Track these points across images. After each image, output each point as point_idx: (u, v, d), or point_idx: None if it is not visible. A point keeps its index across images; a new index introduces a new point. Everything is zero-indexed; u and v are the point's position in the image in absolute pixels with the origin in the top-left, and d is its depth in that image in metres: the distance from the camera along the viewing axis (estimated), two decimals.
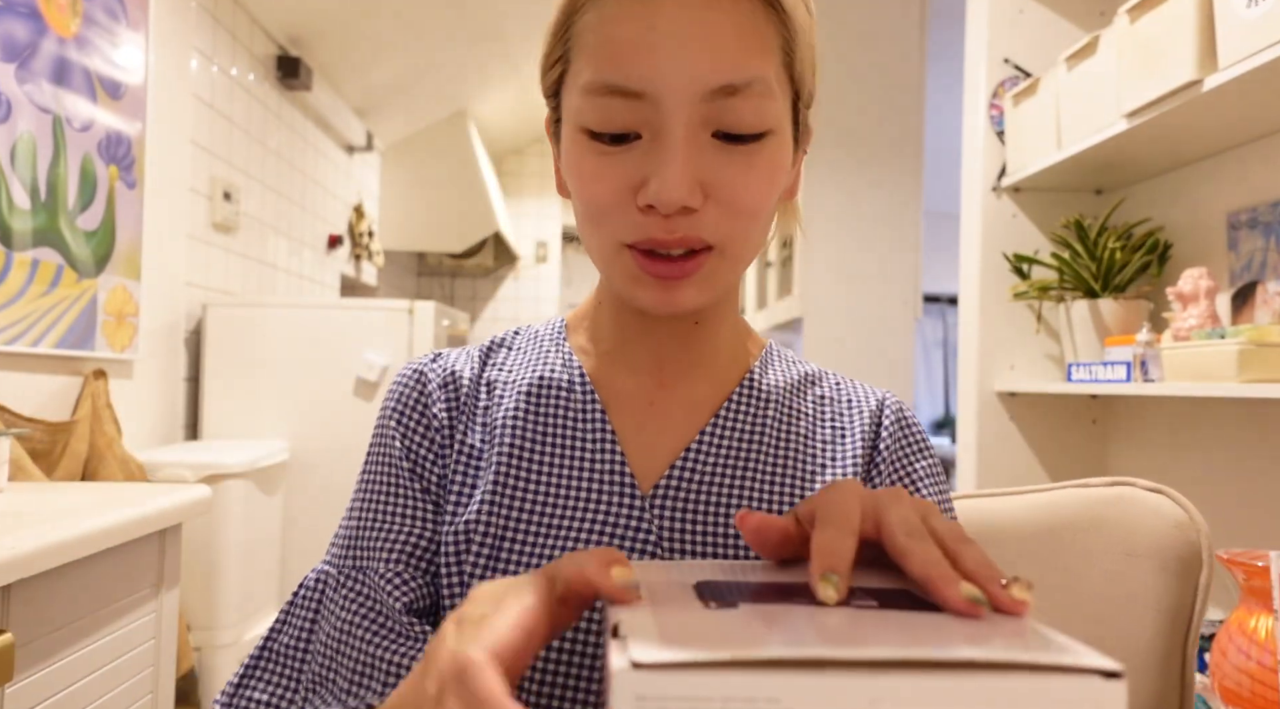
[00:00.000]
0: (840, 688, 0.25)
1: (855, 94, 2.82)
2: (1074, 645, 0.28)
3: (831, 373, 0.67)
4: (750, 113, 0.50)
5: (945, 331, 6.95)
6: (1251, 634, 1.02)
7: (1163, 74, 1.33)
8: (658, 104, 0.49)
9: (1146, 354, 1.47)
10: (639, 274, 0.53)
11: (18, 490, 1.45)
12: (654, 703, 0.26)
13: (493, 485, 0.58)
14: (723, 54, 0.48)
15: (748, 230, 0.53)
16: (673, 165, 0.49)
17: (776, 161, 0.52)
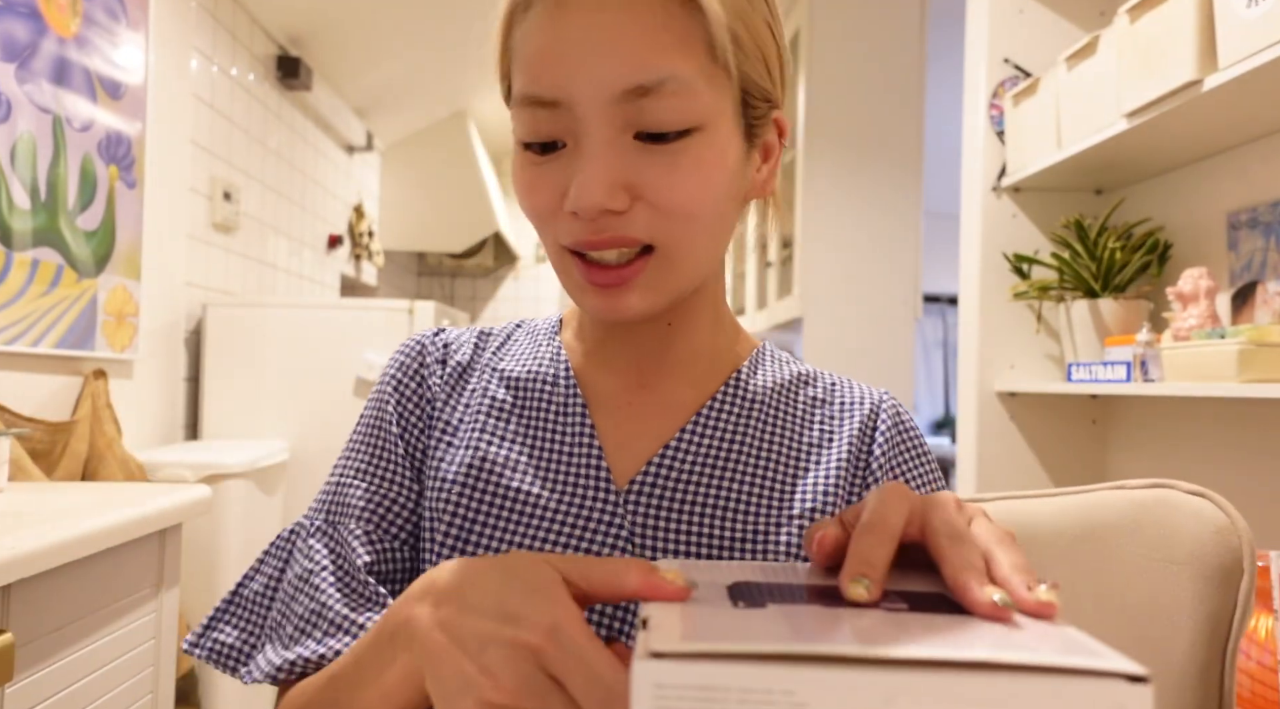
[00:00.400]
0: (856, 683, 0.26)
1: (855, 94, 2.82)
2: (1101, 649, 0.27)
3: (827, 373, 0.67)
4: (667, 111, 0.50)
5: (945, 331, 6.95)
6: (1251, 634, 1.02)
7: (1163, 74, 1.33)
8: (573, 111, 0.50)
9: (1146, 354, 1.47)
10: (581, 281, 0.54)
11: (18, 490, 1.45)
12: (672, 691, 0.26)
13: (468, 468, 0.59)
14: (630, 56, 0.49)
15: (687, 231, 0.52)
16: (589, 170, 0.50)
17: (708, 159, 0.52)
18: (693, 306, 0.61)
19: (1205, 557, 0.67)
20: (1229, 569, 0.66)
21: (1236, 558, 0.66)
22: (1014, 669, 0.25)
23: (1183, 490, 0.71)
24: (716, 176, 0.52)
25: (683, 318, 0.61)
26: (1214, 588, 0.67)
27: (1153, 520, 0.71)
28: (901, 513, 0.38)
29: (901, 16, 2.81)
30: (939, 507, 0.38)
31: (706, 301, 0.62)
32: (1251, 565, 0.66)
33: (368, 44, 3.25)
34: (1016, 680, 0.25)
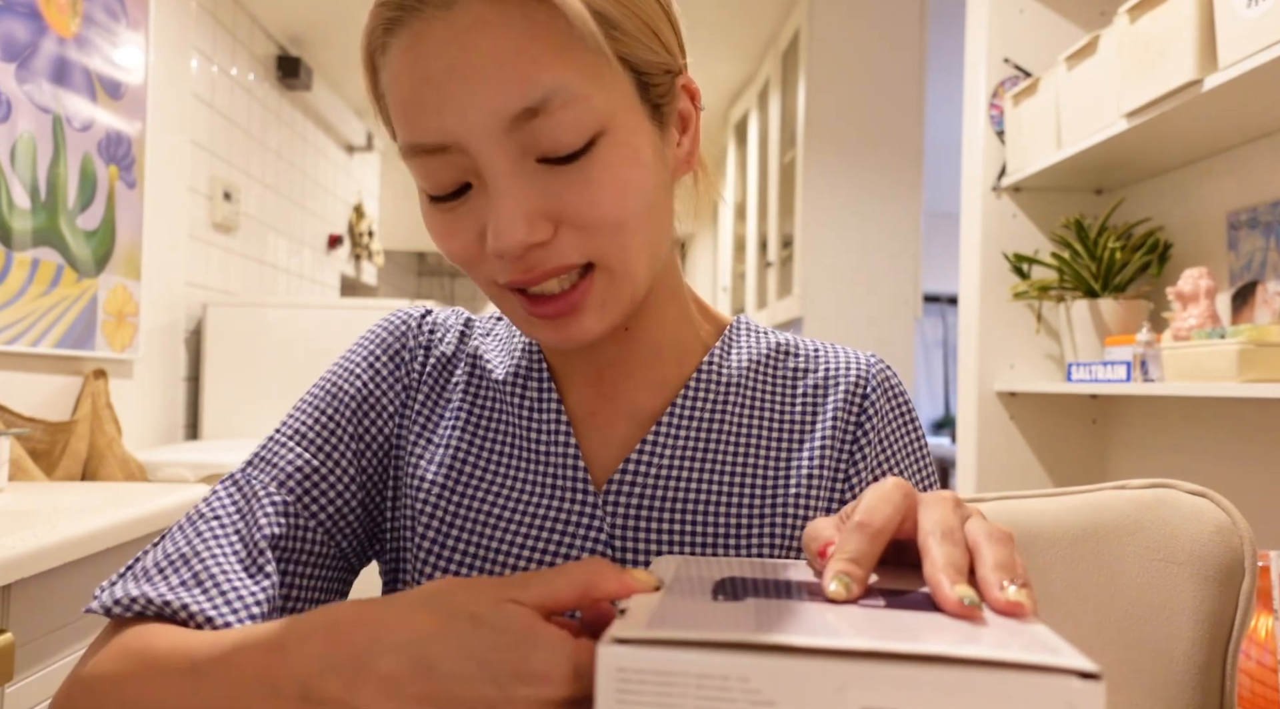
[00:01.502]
0: (809, 672, 0.26)
1: (855, 94, 2.82)
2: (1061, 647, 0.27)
3: (810, 340, 0.64)
4: (562, 128, 0.46)
5: (945, 331, 6.95)
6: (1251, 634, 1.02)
7: (1163, 74, 1.33)
8: (465, 150, 0.46)
9: (1146, 354, 1.47)
10: (528, 316, 0.51)
11: (18, 490, 1.45)
12: (634, 676, 0.27)
13: (447, 467, 0.58)
14: (505, 79, 0.45)
15: (621, 241, 0.49)
16: (501, 209, 0.46)
17: (622, 160, 0.48)
18: (650, 305, 0.58)
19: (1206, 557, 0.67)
20: (1230, 569, 0.66)
21: (1237, 558, 0.66)
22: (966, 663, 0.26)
23: (1183, 490, 0.70)
24: (636, 177, 0.49)
25: (641, 317, 0.58)
26: (1215, 588, 0.66)
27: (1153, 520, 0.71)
28: (894, 511, 0.37)
29: (901, 16, 2.81)
30: (933, 506, 0.38)
31: (663, 293, 0.59)
32: (1253, 565, 0.66)
33: None
34: (968, 674, 0.26)
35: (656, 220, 0.52)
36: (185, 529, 0.53)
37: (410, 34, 0.46)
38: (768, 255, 3.34)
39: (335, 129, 3.59)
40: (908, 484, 0.39)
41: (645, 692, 0.27)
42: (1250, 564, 0.66)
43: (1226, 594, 0.66)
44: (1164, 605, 0.69)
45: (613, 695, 0.27)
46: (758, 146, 3.59)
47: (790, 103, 3.06)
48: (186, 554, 0.50)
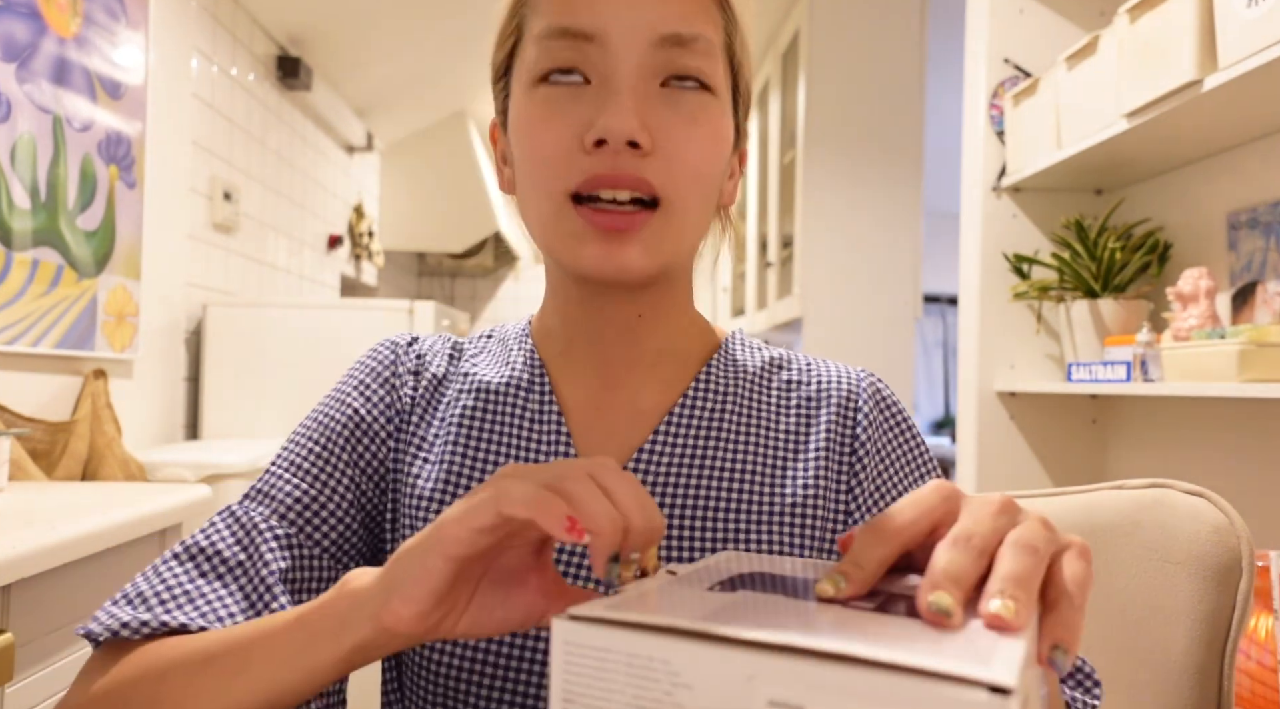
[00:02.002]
0: (721, 659, 0.28)
1: (855, 94, 2.82)
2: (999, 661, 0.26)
3: (801, 355, 0.65)
4: (696, 66, 0.52)
5: (945, 332, 6.95)
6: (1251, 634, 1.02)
7: (1163, 74, 1.33)
8: (607, 47, 0.51)
9: (1146, 354, 1.47)
10: (582, 229, 0.52)
11: (18, 490, 1.45)
12: (576, 649, 0.30)
13: (443, 482, 0.58)
14: (672, 5, 0.51)
15: (691, 190, 0.53)
16: (622, 101, 0.50)
17: (719, 126, 0.54)
18: (664, 300, 0.60)
19: (1203, 556, 0.67)
20: (1227, 569, 0.66)
21: (1235, 558, 0.66)
22: (875, 665, 0.26)
23: (1181, 490, 0.70)
24: (722, 147, 0.54)
25: (654, 309, 0.59)
26: (1212, 587, 0.67)
27: (1151, 520, 0.71)
28: (919, 514, 0.35)
29: (901, 16, 2.81)
30: (971, 511, 0.35)
31: (678, 296, 0.61)
32: (1250, 565, 0.66)
33: (368, 44, 3.25)
34: (874, 676, 0.26)
35: (708, 204, 0.56)
36: (185, 563, 0.53)
37: None
38: (768, 255, 3.34)
39: (335, 129, 3.59)
40: (951, 487, 0.37)
41: (586, 664, 0.30)
42: (1248, 564, 0.66)
43: (1224, 594, 0.66)
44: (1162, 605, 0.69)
45: (561, 665, 0.31)
46: (758, 146, 3.59)
47: (790, 103, 3.06)
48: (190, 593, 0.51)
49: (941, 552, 0.33)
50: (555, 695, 0.31)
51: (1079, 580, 0.33)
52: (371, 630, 0.39)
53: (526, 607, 0.41)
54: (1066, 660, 0.31)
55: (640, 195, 0.51)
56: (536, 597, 0.41)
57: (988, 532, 0.34)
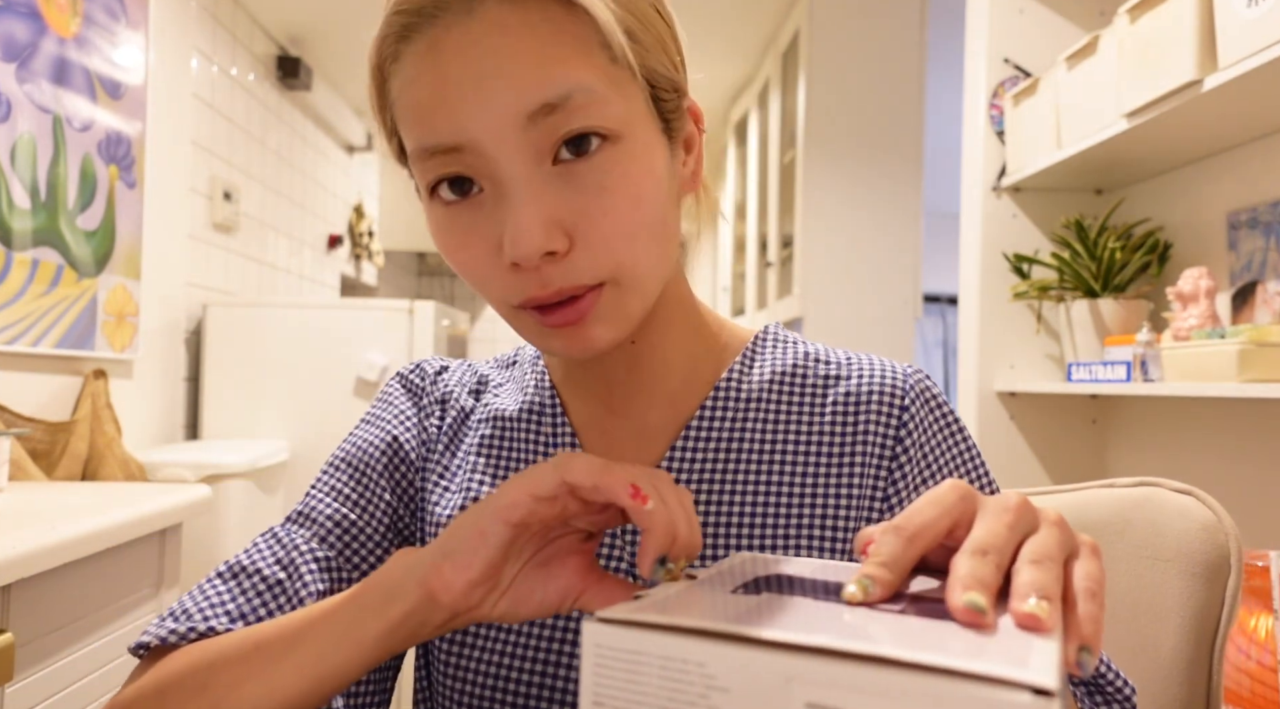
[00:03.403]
0: (758, 662, 0.27)
1: (855, 94, 2.82)
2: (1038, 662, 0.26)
3: (842, 350, 0.61)
4: (580, 127, 0.45)
5: (945, 331, 6.95)
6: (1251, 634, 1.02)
7: (1163, 74, 1.33)
8: (480, 152, 0.46)
9: (1146, 354, 1.47)
10: (541, 329, 0.50)
11: (18, 490, 1.45)
12: (609, 652, 0.30)
13: (461, 509, 0.58)
14: (526, 75, 0.44)
15: (632, 256, 0.48)
16: (519, 212, 0.45)
17: (637, 169, 0.48)
18: (658, 319, 0.56)
19: (1192, 554, 0.68)
20: (1216, 566, 0.67)
21: (1223, 555, 0.67)
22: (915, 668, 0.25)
23: (1170, 488, 0.71)
24: (649, 188, 0.48)
25: (650, 333, 0.56)
26: (1201, 585, 0.67)
27: (1141, 518, 0.71)
28: (939, 514, 0.35)
29: (901, 16, 2.81)
30: (987, 518, 0.34)
31: (672, 309, 0.57)
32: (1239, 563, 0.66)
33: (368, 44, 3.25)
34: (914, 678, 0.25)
35: (665, 235, 0.51)
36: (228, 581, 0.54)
37: (427, 40, 0.46)
38: (768, 255, 3.34)
39: (335, 129, 3.59)
40: (967, 487, 0.36)
41: (618, 667, 0.30)
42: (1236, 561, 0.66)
43: (1213, 591, 0.67)
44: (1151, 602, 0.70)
45: (591, 669, 0.30)
46: (758, 146, 3.59)
47: (790, 103, 3.06)
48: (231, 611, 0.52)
49: (963, 560, 0.32)
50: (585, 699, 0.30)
51: (1096, 579, 0.33)
52: (418, 597, 0.39)
53: (564, 589, 0.42)
54: (1091, 660, 0.31)
55: (576, 294, 0.48)
56: (575, 578, 0.42)
57: (1004, 543, 0.33)
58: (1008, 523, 0.34)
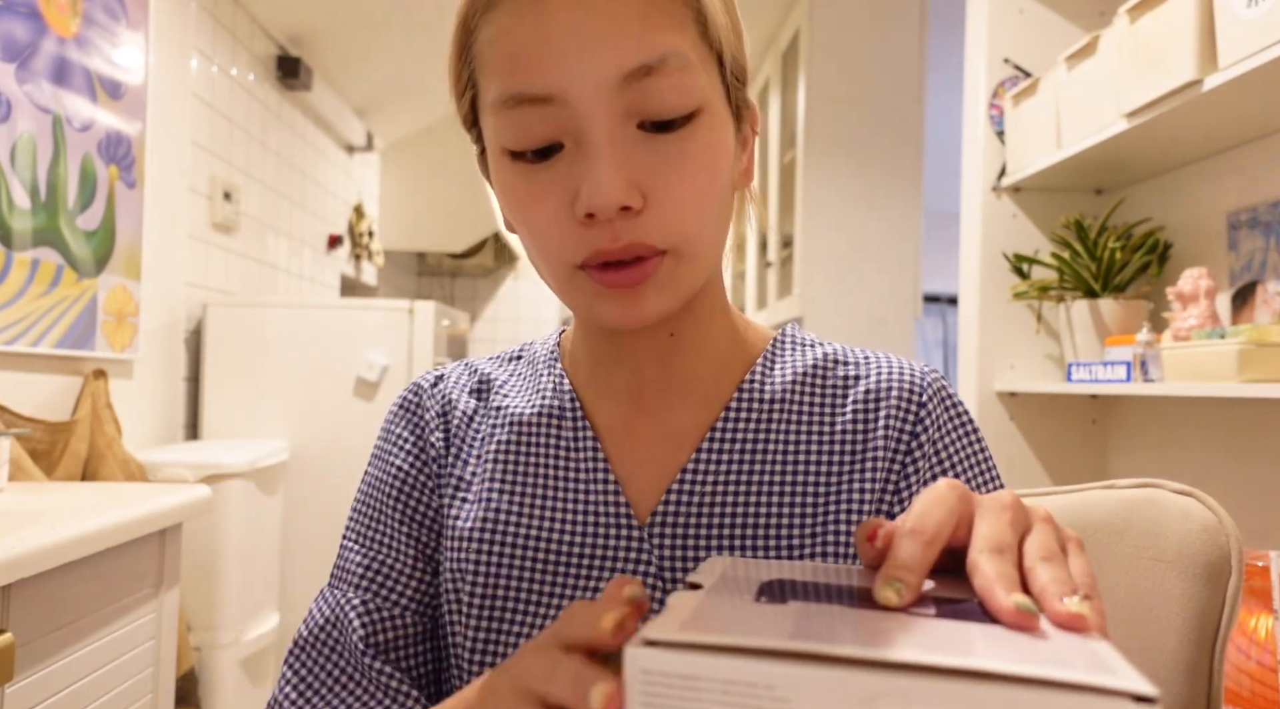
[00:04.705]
0: (838, 682, 0.25)
1: (855, 94, 2.82)
2: (1120, 666, 0.25)
3: (860, 349, 0.62)
4: (672, 91, 0.47)
5: (945, 331, 6.95)
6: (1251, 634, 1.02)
7: (1163, 74, 1.33)
8: (571, 105, 0.46)
9: (1146, 354, 1.47)
10: (597, 289, 0.50)
11: (18, 490, 1.45)
12: (659, 678, 0.26)
13: (483, 520, 0.57)
14: (627, 36, 0.46)
15: (698, 227, 0.49)
16: (601, 165, 0.46)
17: (714, 143, 0.49)
18: (697, 312, 0.57)
19: (1193, 555, 0.67)
20: (1217, 567, 0.67)
21: (1224, 556, 0.66)
22: (1007, 679, 0.24)
23: (1170, 490, 0.71)
24: (722, 164, 0.50)
25: (687, 326, 0.57)
26: (1201, 586, 0.67)
27: (1141, 519, 0.71)
28: (947, 514, 0.35)
29: (901, 17, 2.81)
30: (987, 517, 0.35)
31: (711, 304, 0.58)
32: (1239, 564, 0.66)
33: (368, 44, 3.25)
34: (1007, 691, 0.24)
35: (725, 216, 0.52)
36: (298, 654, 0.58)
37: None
38: (768, 255, 3.34)
39: (335, 129, 3.59)
40: (962, 486, 0.37)
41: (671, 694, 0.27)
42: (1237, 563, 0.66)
43: (1214, 592, 0.67)
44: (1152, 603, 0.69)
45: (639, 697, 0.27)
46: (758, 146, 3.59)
47: (790, 103, 3.06)
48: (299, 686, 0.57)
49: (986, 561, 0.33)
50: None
51: (1092, 575, 0.34)
52: None
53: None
54: None
55: (643, 254, 0.48)
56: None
57: (1011, 541, 0.34)
58: (1008, 521, 0.35)
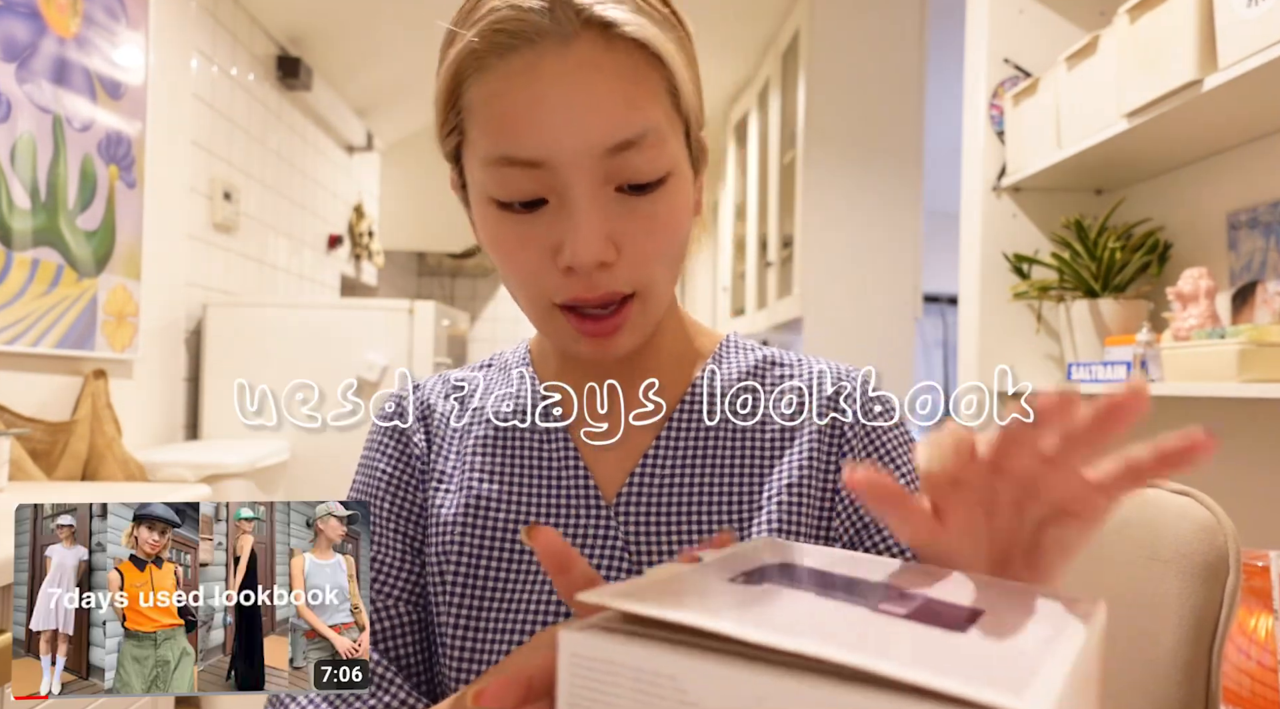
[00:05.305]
0: (731, 678, 0.26)
1: (855, 94, 2.82)
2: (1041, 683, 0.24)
3: (793, 353, 0.68)
4: (647, 163, 0.52)
5: (945, 331, 6.95)
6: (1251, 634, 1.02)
7: (1163, 74, 1.33)
8: (557, 171, 0.51)
9: (1146, 354, 1.47)
10: (574, 333, 0.56)
11: (18, 490, 1.45)
12: (583, 661, 0.28)
13: (465, 507, 0.61)
14: (612, 113, 0.50)
15: (663, 273, 0.56)
16: (584, 227, 0.51)
17: (679, 202, 0.55)
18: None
19: (1190, 554, 0.67)
20: (1214, 566, 0.67)
21: (1222, 555, 0.66)
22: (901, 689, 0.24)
23: (1167, 489, 0.71)
24: (684, 217, 0.56)
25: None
26: (1199, 585, 0.67)
27: (1139, 518, 0.71)
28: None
29: (901, 16, 2.81)
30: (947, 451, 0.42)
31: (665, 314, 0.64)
32: (1237, 563, 0.66)
33: (368, 44, 3.25)
34: (883, 700, 0.24)
35: (682, 256, 0.59)
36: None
37: (524, 60, 0.50)
38: (768, 255, 3.34)
39: (335, 129, 3.59)
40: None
41: (593, 678, 0.28)
42: (1234, 562, 0.66)
43: (1211, 591, 0.67)
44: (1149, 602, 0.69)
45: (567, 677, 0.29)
46: (758, 146, 3.59)
47: (790, 103, 3.06)
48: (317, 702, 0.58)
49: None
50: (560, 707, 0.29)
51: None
52: None
53: None
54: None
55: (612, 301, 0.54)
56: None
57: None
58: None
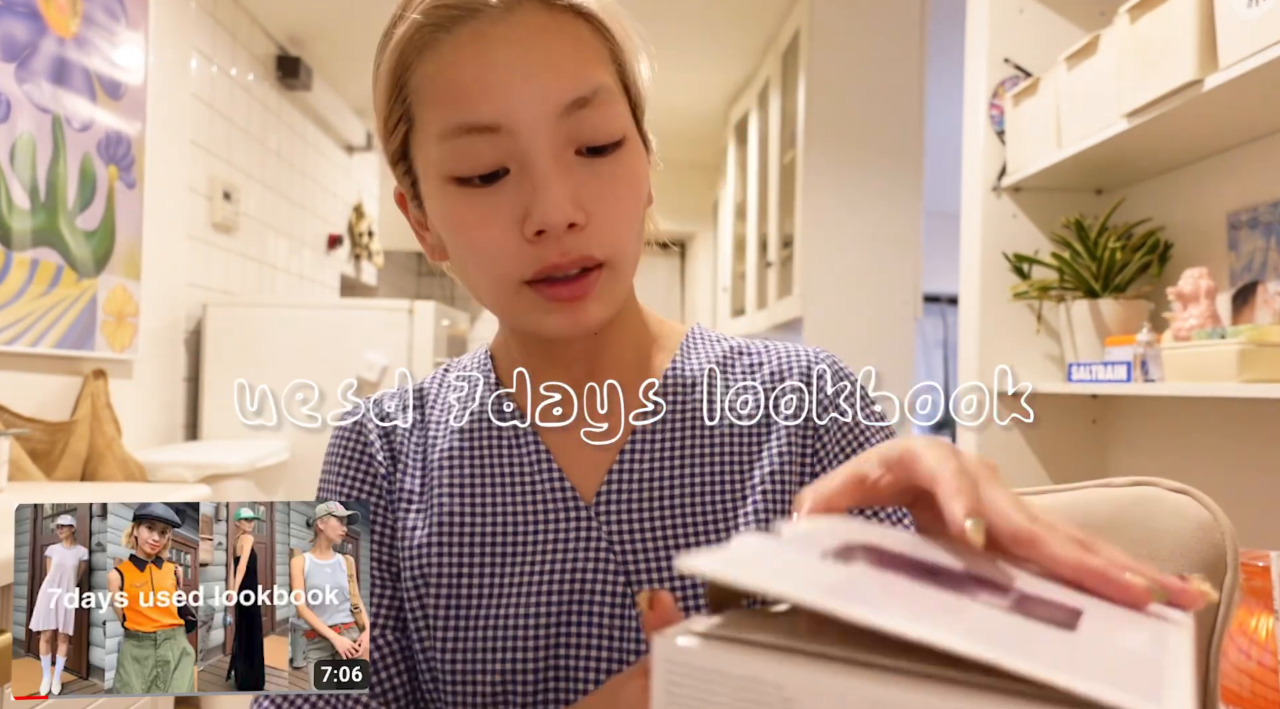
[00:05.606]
0: (842, 690, 0.25)
1: (855, 94, 2.82)
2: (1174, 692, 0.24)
3: (759, 341, 0.68)
4: (603, 121, 0.53)
5: (945, 331, 6.95)
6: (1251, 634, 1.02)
7: (1163, 74, 1.33)
8: (516, 134, 0.51)
9: (1147, 354, 1.47)
10: (543, 304, 0.54)
11: (17, 490, 1.45)
12: (679, 669, 0.27)
13: (438, 526, 0.59)
14: (565, 71, 0.51)
15: (627, 240, 0.56)
16: (552, 187, 0.51)
17: (637, 168, 0.56)
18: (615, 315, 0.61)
19: (1189, 553, 0.67)
20: (1212, 565, 0.66)
21: (1220, 554, 0.66)
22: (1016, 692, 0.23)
23: (1166, 487, 0.71)
24: (642, 186, 0.56)
25: (609, 325, 0.61)
26: None
27: (1137, 517, 0.71)
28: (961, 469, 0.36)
29: (901, 16, 2.81)
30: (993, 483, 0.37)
31: (628, 305, 0.63)
32: (1235, 561, 0.66)
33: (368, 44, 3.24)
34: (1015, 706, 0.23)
35: (640, 235, 0.58)
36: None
37: (470, 30, 0.51)
38: (768, 255, 3.34)
39: (335, 129, 3.59)
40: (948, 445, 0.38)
41: (691, 685, 0.27)
42: (1232, 560, 0.66)
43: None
44: None
45: (663, 686, 0.28)
46: (758, 146, 3.59)
47: (790, 103, 3.06)
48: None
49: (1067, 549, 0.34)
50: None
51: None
52: None
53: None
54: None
55: (587, 265, 0.53)
56: None
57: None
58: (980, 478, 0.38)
